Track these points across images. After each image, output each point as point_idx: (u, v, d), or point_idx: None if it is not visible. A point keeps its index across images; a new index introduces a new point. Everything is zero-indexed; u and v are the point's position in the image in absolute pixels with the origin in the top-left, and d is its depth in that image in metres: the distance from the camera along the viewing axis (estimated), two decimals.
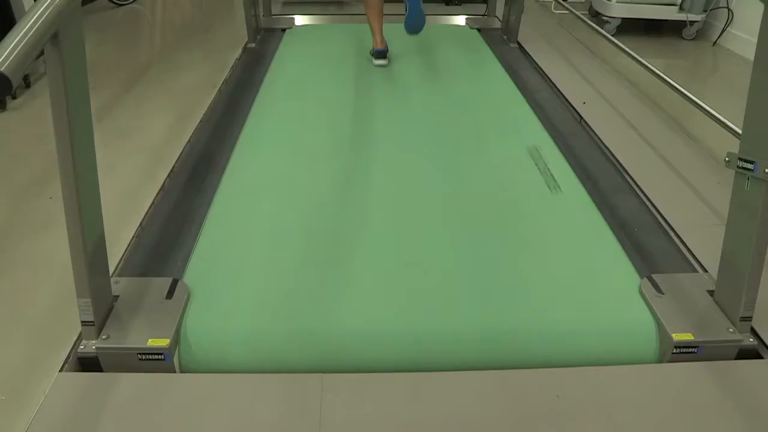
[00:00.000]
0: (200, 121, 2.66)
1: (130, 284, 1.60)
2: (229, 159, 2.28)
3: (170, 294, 1.55)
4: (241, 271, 1.68)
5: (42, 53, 1.15)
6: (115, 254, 1.75)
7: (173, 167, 2.28)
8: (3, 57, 0.99)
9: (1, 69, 0.98)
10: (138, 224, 1.93)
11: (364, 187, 2.10)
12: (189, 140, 2.49)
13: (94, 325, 1.42)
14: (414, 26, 3.09)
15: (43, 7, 1.11)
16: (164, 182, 2.18)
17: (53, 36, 1.15)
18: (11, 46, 1.02)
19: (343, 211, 1.97)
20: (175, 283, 1.59)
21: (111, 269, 1.61)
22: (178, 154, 2.37)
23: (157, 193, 2.11)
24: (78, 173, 1.28)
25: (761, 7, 1.32)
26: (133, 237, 1.87)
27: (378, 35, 3.24)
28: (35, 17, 1.09)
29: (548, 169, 1.55)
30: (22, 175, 2.33)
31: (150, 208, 2.02)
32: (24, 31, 1.06)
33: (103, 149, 1.41)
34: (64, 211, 1.31)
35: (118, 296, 1.54)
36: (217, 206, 1.98)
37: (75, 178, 1.28)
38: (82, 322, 1.42)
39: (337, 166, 2.24)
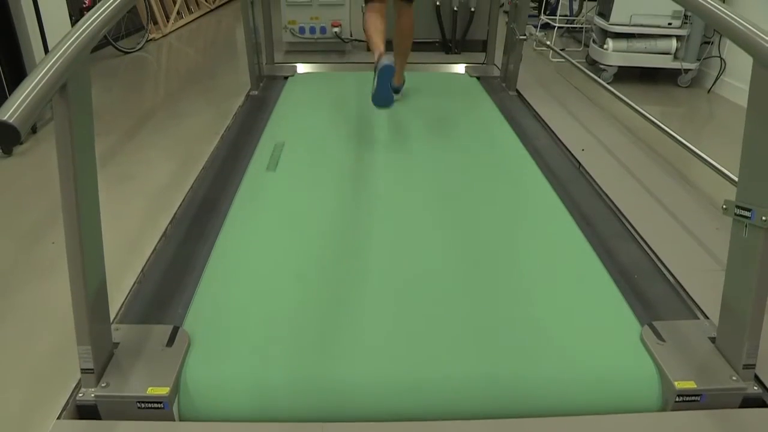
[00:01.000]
0: (203, 167, 2.69)
1: (131, 331, 1.59)
2: (230, 206, 2.29)
3: (170, 342, 1.55)
4: (241, 319, 1.68)
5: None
6: (116, 300, 1.75)
7: (175, 213, 2.29)
8: (13, 109, 1.02)
9: (11, 120, 1.00)
10: (139, 270, 1.93)
11: (364, 236, 2.11)
12: (191, 186, 2.51)
13: (93, 372, 1.41)
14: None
15: (53, 59, 1.14)
16: (166, 228, 2.19)
17: (62, 87, 1.18)
18: (21, 98, 1.05)
19: (345, 258, 1.98)
20: (175, 330, 1.58)
21: (111, 315, 1.61)
22: (180, 201, 2.38)
23: (159, 239, 2.12)
24: (81, 220, 1.29)
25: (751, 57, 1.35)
26: (134, 283, 1.87)
27: (378, 50, 3.03)
28: (45, 70, 1.12)
29: None
30: (26, 220, 2.34)
31: (152, 254, 2.03)
32: (34, 83, 1.08)
33: (106, 195, 1.43)
34: (67, 257, 1.32)
35: (118, 343, 1.54)
36: (218, 254, 1.99)
37: (78, 224, 1.29)
38: (81, 369, 1.41)
39: (338, 213, 2.25)
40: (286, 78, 3.98)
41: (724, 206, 1.46)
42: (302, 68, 4.23)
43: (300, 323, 1.67)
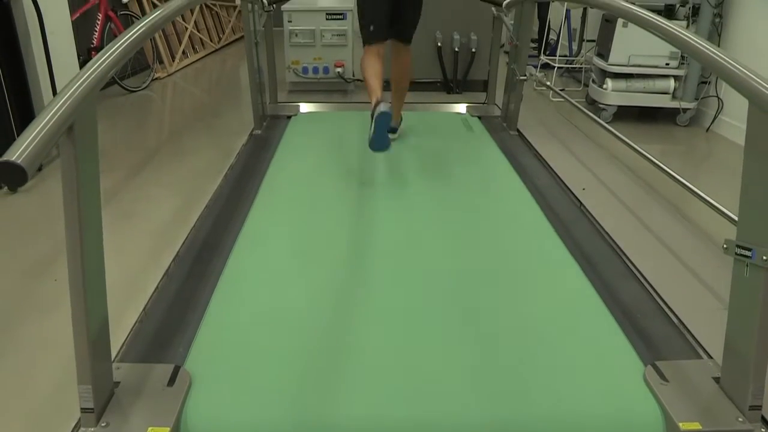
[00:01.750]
0: (206, 206, 2.70)
1: (132, 370, 1.58)
2: (233, 245, 2.29)
3: (172, 381, 1.53)
4: (243, 360, 1.67)
5: None
6: (117, 338, 1.75)
7: (178, 252, 2.29)
8: (21, 149, 1.03)
9: (18, 161, 1.02)
10: (141, 309, 1.93)
11: (367, 278, 2.10)
12: (194, 225, 2.52)
13: (93, 411, 1.40)
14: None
15: (61, 101, 1.17)
16: (169, 267, 2.19)
17: (69, 128, 1.20)
18: (29, 139, 1.06)
19: (347, 301, 1.97)
20: (176, 370, 1.57)
21: (113, 354, 1.60)
22: (183, 239, 2.39)
23: (162, 278, 2.11)
24: (85, 258, 1.30)
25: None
26: (136, 322, 1.87)
27: (375, 95, 2.88)
28: (53, 111, 1.14)
29: None
30: (29, 257, 2.35)
31: (154, 292, 2.03)
32: (41, 124, 1.10)
33: (109, 232, 1.43)
34: (70, 296, 1.32)
35: (119, 382, 1.53)
36: (220, 293, 1.98)
37: (82, 262, 1.29)
38: (81, 408, 1.40)
39: (340, 256, 2.24)
40: (289, 117, 4.02)
41: (725, 245, 1.47)
42: (305, 108, 4.27)
43: (302, 365, 1.66)
